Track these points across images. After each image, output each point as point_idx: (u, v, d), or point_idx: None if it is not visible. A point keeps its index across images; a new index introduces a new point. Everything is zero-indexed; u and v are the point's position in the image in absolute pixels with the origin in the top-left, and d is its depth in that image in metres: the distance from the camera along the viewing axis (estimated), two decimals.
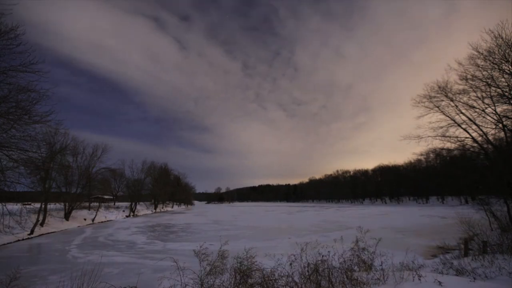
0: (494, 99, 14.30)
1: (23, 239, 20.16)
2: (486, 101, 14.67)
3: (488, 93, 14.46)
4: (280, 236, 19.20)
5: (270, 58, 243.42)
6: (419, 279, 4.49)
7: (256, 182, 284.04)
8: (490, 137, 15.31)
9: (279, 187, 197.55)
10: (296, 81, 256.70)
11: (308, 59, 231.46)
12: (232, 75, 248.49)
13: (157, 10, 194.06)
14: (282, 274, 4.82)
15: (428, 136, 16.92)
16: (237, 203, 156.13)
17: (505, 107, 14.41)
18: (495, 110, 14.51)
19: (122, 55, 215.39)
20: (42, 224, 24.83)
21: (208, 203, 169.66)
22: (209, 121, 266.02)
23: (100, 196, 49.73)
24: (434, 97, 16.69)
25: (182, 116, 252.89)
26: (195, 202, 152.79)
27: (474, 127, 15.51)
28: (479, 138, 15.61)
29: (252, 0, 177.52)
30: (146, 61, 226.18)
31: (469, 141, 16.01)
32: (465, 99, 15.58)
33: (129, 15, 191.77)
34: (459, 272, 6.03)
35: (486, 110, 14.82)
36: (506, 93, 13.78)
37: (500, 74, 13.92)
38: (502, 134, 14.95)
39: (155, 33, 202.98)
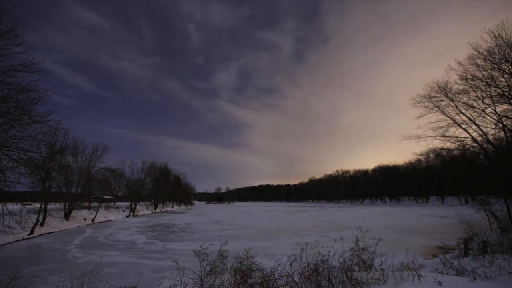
0: (494, 99, 14.31)
1: (23, 239, 20.15)
2: (486, 101, 14.68)
3: (488, 93, 14.46)
4: (280, 236, 19.20)
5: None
6: (419, 279, 4.49)
7: (256, 182, 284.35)
8: (490, 137, 15.32)
9: (279, 187, 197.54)
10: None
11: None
12: None
13: None
14: (282, 274, 4.82)
15: (428, 136, 16.94)
16: (237, 203, 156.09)
17: (505, 107, 14.42)
18: (495, 110, 14.51)
19: None
20: (42, 224, 24.83)
21: (208, 203, 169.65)
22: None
23: (100, 196, 49.72)
24: (434, 97, 16.70)
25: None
26: (195, 202, 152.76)
27: (474, 127, 15.52)
28: (479, 138, 15.61)
29: None
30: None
31: (469, 141, 16.01)
32: (465, 99, 15.59)
33: None
34: (459, 272, 6.03)
35: (486, 110, 14.83)
36: (506, 93, 13.79)
37: (500, 74, 13.93)
38: (502, 134, 14.95)
39: None
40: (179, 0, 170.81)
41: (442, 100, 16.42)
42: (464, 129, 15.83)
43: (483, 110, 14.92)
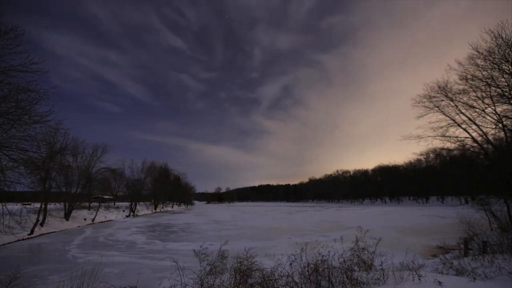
0: (494, 99, 14.31)
1: (23, 239, 20.15)
2: (486, 101, 14.68)
3: (488, 93, 14.46)
4: (280, 236, 19.20)
5: None
6: (419, 279, 4.49)
7: (256, 182, 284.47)
8: (490, 137, 15.32)
9: (279, 187, 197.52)
10: None
11: None
12: None
13: None
14: (282, 274, 4.82)
15: (428, 136, 16.94)
16: (237, 203, 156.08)
17: (505, 107, 14.42)
18: (495, 110, 14.52)
19: None
20: (42, 224, 24.83)
21: (208, 203, 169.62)
22: None
23: (100, 196, 49.72)
24: (434, 97, 16.71)
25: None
26: (195, 202, 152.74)
27: (474, 127, 15.52)
28: (479, 138, 15.61)
29: None
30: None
31: (469, 141, 16.02)
32: (465, 99, 15.60)
33: None
34: (459, 272, 6.02)
35: (486, 110, 14.83)
36: (506, 93, 13.79)
37: (500, 74, 13.93)
38: (502, 134, 14.95)
39: None
40: (254, 30, 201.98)
41: (442, 100, 16.44)
42: (464, 129, 15.83)
43: (483, 110, 14.92)
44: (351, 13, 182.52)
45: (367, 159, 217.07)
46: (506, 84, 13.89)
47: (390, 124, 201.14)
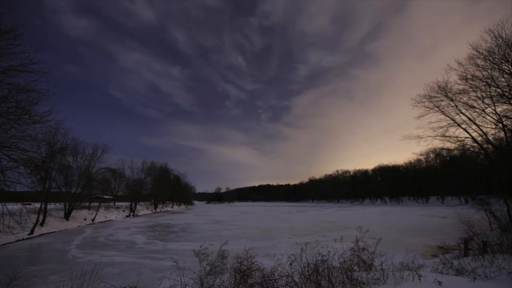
0: (494, 99, 14.31)
1: (23, 239, 20.17)
2: (486, 101, 14.68)
3: (488, 93, 14.46)
4: (280, 236, 19.20)
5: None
6: (419, 279, 4.49)
7: (256, 182, 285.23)
8: (490, 137, 15.32)
9: (279, 187, 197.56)
10: None
11: None
12: None
13: None
14: (282, 274, 4.82)
15: (428, 136, 16.95)
16: (237, 203, 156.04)
17: (505, 107, 14.43)
18: (495, 110, 14.51)
19: None
20: (42, 224, 24.83)
21: (208, 203, 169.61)
22: None
23: (100, 196, 49.72)
24: (434, 97, 16.71)
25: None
26: (195, 202, 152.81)
27: (474, 127, 15.53)
28: (479, 138, 15.61)
29: None
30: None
31: (469, 141, 16.02)
32: (465, 99, 15.60)
33: None
34: (459, 272, 6.03)
35: (486, 110, 14.84)
36: (506, 93, 13.79)
37: (500, 74, 13.93)
38: (502, 134, 14.95)
39: None
40: (306, 51, 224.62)
41: (442, 100, 16.44)
42: (464, 129, 15.83)
43: (483, 110, 14.92)
44: (389, 37, 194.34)
45: (367, 159, 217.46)
46: (506, 84, 13.89)
47: (394, 125, 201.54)
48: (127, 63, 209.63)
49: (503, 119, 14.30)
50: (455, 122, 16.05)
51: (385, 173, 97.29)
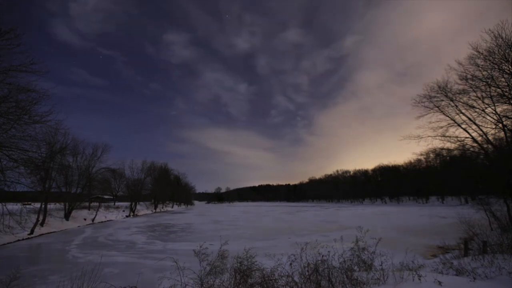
0: (494, 99, 14.31)
1: (23, 239, 20.16)
2: (486, 101, 14.68)
3: (488, 93, 14.45)
4: (280, 236, 19.21)
5: None
6: (419, 279, 4.49)
7: (256, 182, 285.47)
8: (490, 137, 15.32)
9: (279, 187, 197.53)
10: None
11: None
12: None
13: None
14: (282, 274, 4.82)
15: (428, 136, 16.95)
16: (237, 203, 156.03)
17: (505, 107, 14.42)
18: (495, 110, 14.51)
19: None
20: (42, 224, 24.83)
21: (208, 203, 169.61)
22: None
23: (100, 196, 49.71)
24: (434, 97, 16.70)
25: None
26: (195, 202, 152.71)
27: (474, 127, 15.53)
28: (479, 138, 15.61)
29: None
30: None
31: (469, 141, 16.02)
32: (465, 99, 15.60)
33: None
34: (459, 272, 6.02)
35: (486, 110, 14.83)
36: (506, 93, 13.79)
37: (500, 74, 13.93)
38: (502, 134, 14.94)
39: None
40: (362, 71, 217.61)
41: (442, 100, 16.44)
42: (464, 129, 15.83)
43: (483, 110, 14.92)
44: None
45: (367, 159, 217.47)
46: (506, 84, 13.89)
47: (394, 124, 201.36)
48: (205, 80, 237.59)
49: (503, 119, 14.30)
50: (455, 122, 16.06)
51: (385, 173, 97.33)
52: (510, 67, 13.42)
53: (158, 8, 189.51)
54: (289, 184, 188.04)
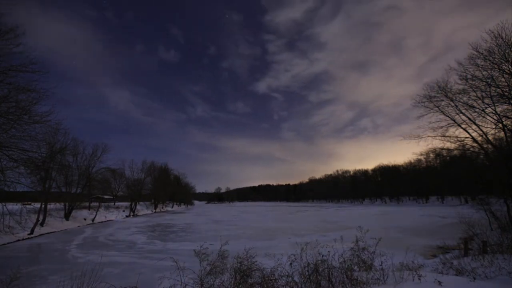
0: (494, 99, 14.29)
1: (23, 239, 20.16)
2: (486, 101, 14.66)
3: (488, 93, 14.44)
4: (280, 236, 19.20)
5: None
6: (419, 279, 4.49)
7: (256, 182, 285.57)
8: (490, 137, 15.30)
9: (279, 187, 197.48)
10: None
11: None
12: None
13: None
14: (282, 274, 4.82)
15: (428, 136, 16.92)
16: (237, 203, 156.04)
17: (505, 107, 14.40)
18: (495, 110, 14.50)
19: None
20: (42, 224, 24.84)
21: (208, 203, 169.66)
22: None
23: (100, 196, 49.74)
24: (434, 97, 16.68)
25: None
26: (195, 202, 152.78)
27: (474, 127, 15.50)
28: (479, 138, 15.59)
29: None
30: None
31: (469, 141, 16.00)
32: (465, 99, 15.57)
33: None
34: (459, 272, 6.03)
35: (486, 110, 14.81)
36: (506, 93, 13.77)
37: (500, 74, 13.91)
38: (502, 134, 14.93)
39: None
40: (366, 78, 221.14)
41: (442, 100, 16.41)
42: (464, 129, 15.81)
43: (483, 110, 14.91)
44: None
45: (367, 159, 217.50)
46: (506, 84, 13.87)
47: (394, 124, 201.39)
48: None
49: (503, 119, 14.29)
50: (455, 122, 16.04)
51: (385, 173, 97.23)
52: (510, 67, 13.41)
53: None
54: (289, 184, 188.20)
